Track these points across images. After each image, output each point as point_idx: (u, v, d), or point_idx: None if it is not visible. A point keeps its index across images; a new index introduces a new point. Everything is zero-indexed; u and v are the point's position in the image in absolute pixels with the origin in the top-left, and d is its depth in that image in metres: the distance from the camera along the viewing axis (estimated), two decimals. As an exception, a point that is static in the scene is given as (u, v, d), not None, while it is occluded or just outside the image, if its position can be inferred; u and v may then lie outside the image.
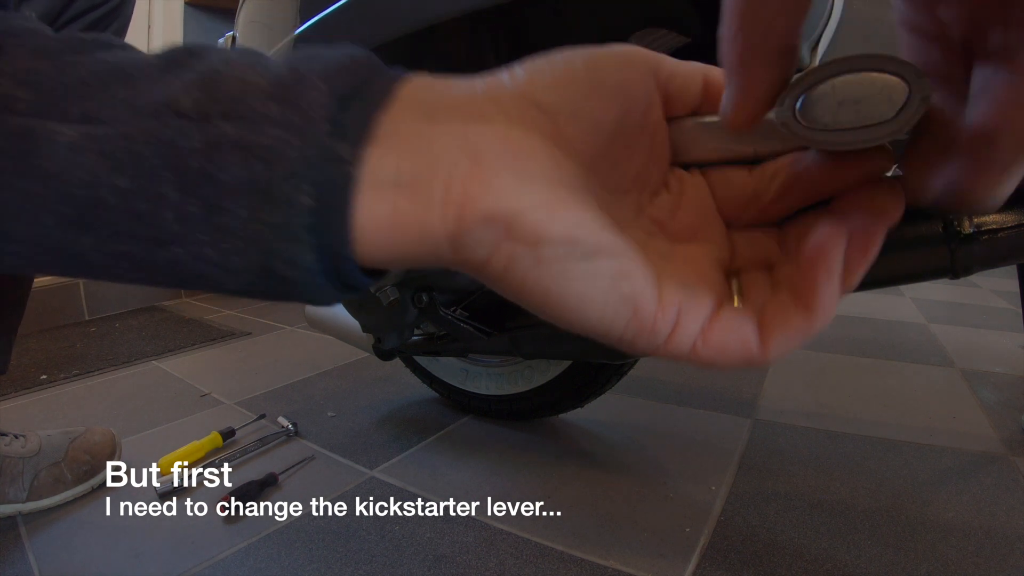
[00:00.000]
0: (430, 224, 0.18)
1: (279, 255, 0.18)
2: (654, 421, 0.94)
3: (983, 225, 0.42)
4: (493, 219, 0.17)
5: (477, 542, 0.65)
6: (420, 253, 0.18)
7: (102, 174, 0.17)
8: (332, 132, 0.17)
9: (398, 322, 0.73)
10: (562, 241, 0.18)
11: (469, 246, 0.18)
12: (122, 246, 0.18)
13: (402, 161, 0.18)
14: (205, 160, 0.17)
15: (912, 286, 1.93)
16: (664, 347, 0.19)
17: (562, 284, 0.18)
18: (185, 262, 0.18)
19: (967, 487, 0.74)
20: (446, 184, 0.17)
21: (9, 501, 0.71)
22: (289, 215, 0.17)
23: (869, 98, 0.17)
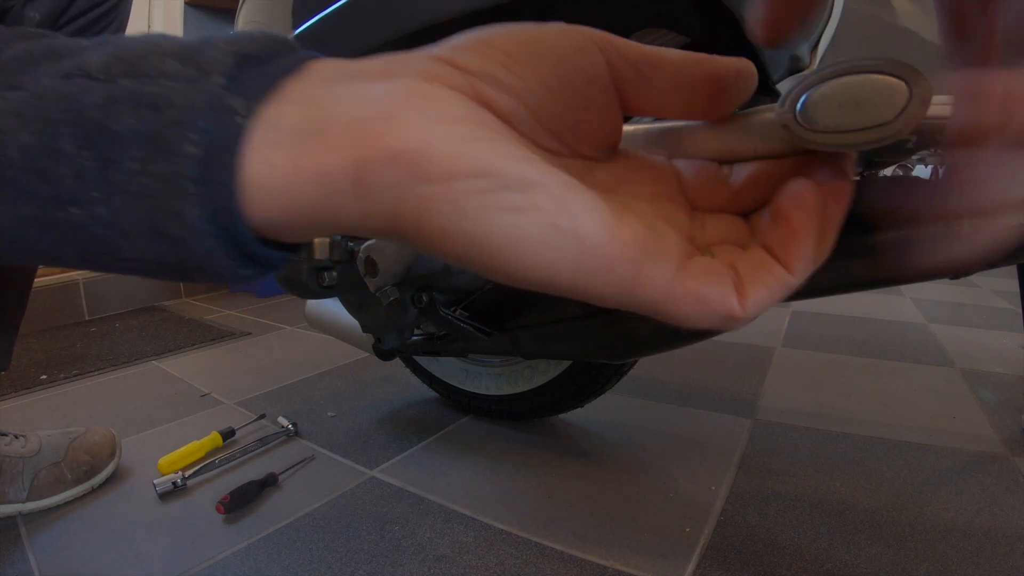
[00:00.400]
0: (329, 169, 0.16)
1: (166, 209, 0.17)
2: (654, 421, 0.94)
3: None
4: (397, 156, 0.16)
5: (477, 542, 0.65)
6: (321, 208, 0.17)
7: (9, 130, 0.17)
8: (227, 86, 0.17)
9: (398, 322, 0.73)
10: (478, 172, 0.16)
11: (374, 191, 0.16)
12: (26, 208, 0.18)
13: (303, 113, 0.17)
14: (102, 113, 0.17)
15: (912, 286, 1.93)
16: (630, 288, 0.17)
17: (486, 225, 0.16)
18: (83, 225, 0.18)
19: (967, 487, 0.74)
20: (348, 128, 0.16)
21: (9, 501, 0.71)
22: (174, 165, 0.17)
23: (870, 100, 0.17)
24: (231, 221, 0.17)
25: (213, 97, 0.17)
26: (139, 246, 0.18)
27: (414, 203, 0.16)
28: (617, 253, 0.17)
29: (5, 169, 0.18)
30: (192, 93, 0.17)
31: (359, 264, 0.62)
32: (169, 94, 0.17)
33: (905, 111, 0.17)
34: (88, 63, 0.18)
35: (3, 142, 0.17)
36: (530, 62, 0.18)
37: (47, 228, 0.18)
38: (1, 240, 0.19)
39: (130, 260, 0.18)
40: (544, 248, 0.16)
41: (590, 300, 0.18)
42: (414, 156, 0.16)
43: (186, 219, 0.17)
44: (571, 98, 0.19)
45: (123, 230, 0.18)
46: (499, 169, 0.16)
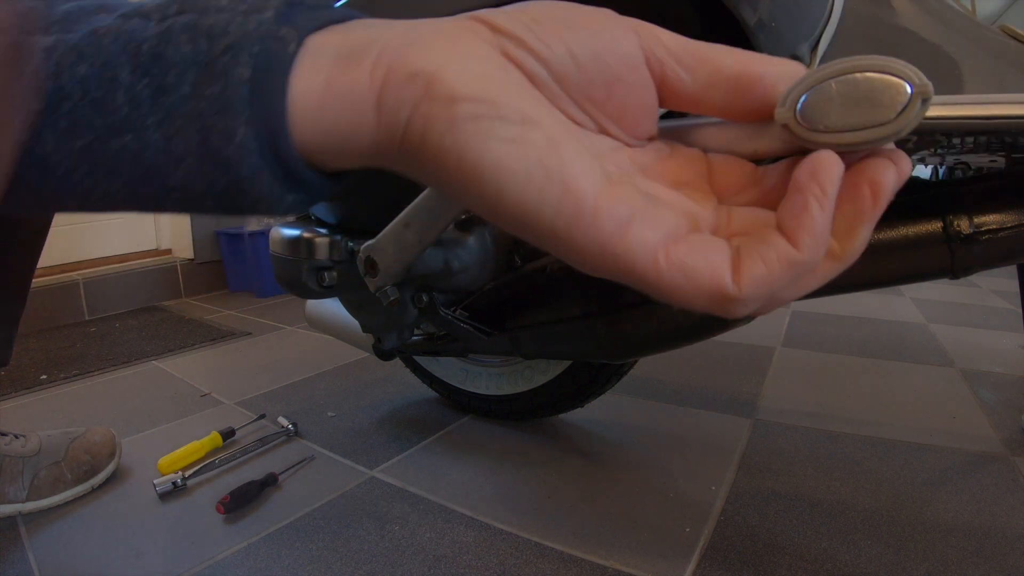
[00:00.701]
0: (359, 85, 0.18)
1: (216, 129, 0.18)
2: (654, 421, 0.94)
3: (983, 225, 0.42)
4: (415, 76, 0.17)
5: (477, 542, 0.65)
6: (347, 125, 0.18)
7: (67, 65, 0.18)
8: (277, 19, 0.18)
9: (398, 322, 0.73)
10: (479, 99, 0.17)
11: (391, 106, 0.18)
12: (79, 139, 0.19)
13: (342, 39, 0.18)
14: (157, 43, 0.18)
15: (912, 286, 1.93)
16: (612, 243, 0.17)
17: (478, 150, 0.17)
18: (135, 152, 0.19)
19: (967, 487, 0.74)
20: (379, 53, 0.18)
21: (9, 501, 0.71)
22: (226, 86, 0.18)
23: (870, 99, 0.17)
24: (278, 140, 0.18)
25: (265, 26, 0.18)
26: (189, 170, 0.19)
27: (420, 121, 0.17)
28: (601, 206, 0.17)
29: (61, 102, 0.18)
30: (245, 23, 0.18)
31: (359, 264, 0.62)
32: (223, 24, 0.18)
33: (905, 111, 0.17)
34: (145, 7, 0.19)
35: (60, 76, 0.18)
36: (558, 31, 0.19)
37: (99, 160, 0.19)
38: (54, 176, 0.19)
39: (178, 188, 0.19)
40: (528, 183, 0.16)
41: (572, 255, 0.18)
42: (429, 76, 0.17)
43: (236, 138, 0.18)
44: (599, 73, 0.19)
45: (174, 155, 0.18)
46: (500, 100, 0.17)
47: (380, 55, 0.18)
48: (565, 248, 0.17)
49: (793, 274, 0.17)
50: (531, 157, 0.17)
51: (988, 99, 0.33)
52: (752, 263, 0.17)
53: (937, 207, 0.43)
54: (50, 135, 0.19)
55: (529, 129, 0.17)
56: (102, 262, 1.89)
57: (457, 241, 0.64)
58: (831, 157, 0.17)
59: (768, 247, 0.17)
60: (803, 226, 0.17)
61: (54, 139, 0.19)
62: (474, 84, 0.17)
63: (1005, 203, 0.42)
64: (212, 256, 2.07)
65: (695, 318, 0.59)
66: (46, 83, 0.19)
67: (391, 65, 0.17)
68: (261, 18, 0.18)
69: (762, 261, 0.17)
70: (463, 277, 0.66)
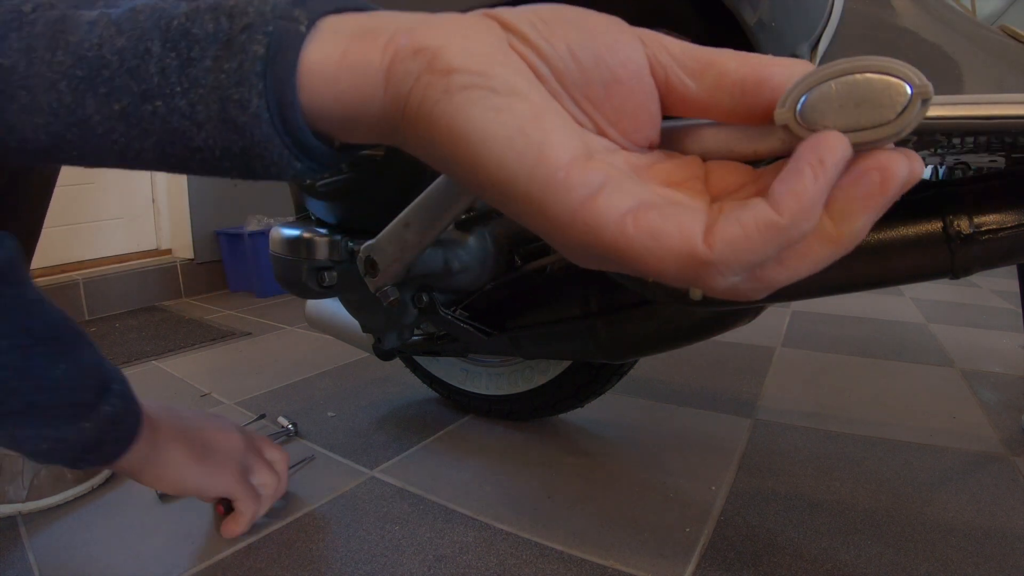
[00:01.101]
0: (372, 58, 0.19)
1: (232, 99, 0.20)
2: (654, 421, 0.94)
3: (983, 225, 0.42)
4: (420, 51, 0.19)
5: (477, 542, 0.65)
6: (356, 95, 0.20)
7: (107, 37, 0.21)
8: (292, 1, 0.20)
9: (398, 322, 0.73)
10: (473, 71, 0.18)
11: (397, 77, 0.19)
12: (117, 103, 0.21)
13: (358, 21, 0.20)
14: (186, 20, 0.21)
15: (912, 286, 1.93)
16: (582, 209, 0.17)
17: (465, 115, 0.18)
18: (164, 116, 0.21)
19: (967, 487, 0.74)
20: (393, 33, 0.19)
21: (9, 500, 0.71)
22: (243, 61, 0.20)
23: (870, 100, 0.17)
24: (287, 111, 0.20)
25: (280, 8, 0.20)
26: (209, 135, 0.21)
27: (420, 90, 0.19)
28: (573, 174, 0.17)
29: (102, 69, 0.21)
30: (262, 5, 0.20)
31: (359, 264, 0.62)
32: (243, 5, 0.20)
33: (905, 111, 0.17)
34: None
35: (102, 47, 0.21)
36: (563, 31, 0.20)
37: (134, 122, 0.21)
38: (95, 134, 0.22)
39: (200, 150, 0.21)
40: (508, 148, 0.17)
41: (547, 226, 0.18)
42: (432, 51, 0.18)
43: (250, 108, 0.20)
44: (598, 74, 0.20)
45: (197, 120, 0.21)
46: (492, 72, 0.18)
47: (394, 34, 0.19)
48: (540, 218, 0.18)
49: (772, 240, 0.16)
50: (513, 125, 0.17)
51: (988, 99, 0.33)
52: (726, 224, 0.16)
53: (937, 207, 0.43)
54: (91, 99, 0.21)
55: (516, 100, 0.18)
56: (102, 262, 1.89)
57: (457, 241, 0.65)
58: (838, 136, 0.16)
59: (746, 209, 0.16)
60: (789, 190, 0.16)
61: (95, 102, 0.21)
62: (471, 59, 0.18)
63: (1005, 203, 0.42)
64: (212, 256, 2.07)
65: (695, 318, 0.59)
66: (88, 52, 0.21)
67: (402, 42, 0.19)
68: (277, 1, 0.20)
69: (738, 223, 0.16)
70: (463, 277, 0.66)
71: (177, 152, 0.22)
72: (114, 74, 0.21)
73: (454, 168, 0.19)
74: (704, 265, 0.16)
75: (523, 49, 0.19)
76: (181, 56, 0.20)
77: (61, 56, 0.21)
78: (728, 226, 0.16)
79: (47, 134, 0.23)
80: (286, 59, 0.20)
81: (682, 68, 0.20)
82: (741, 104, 0.19)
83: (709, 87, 0.20)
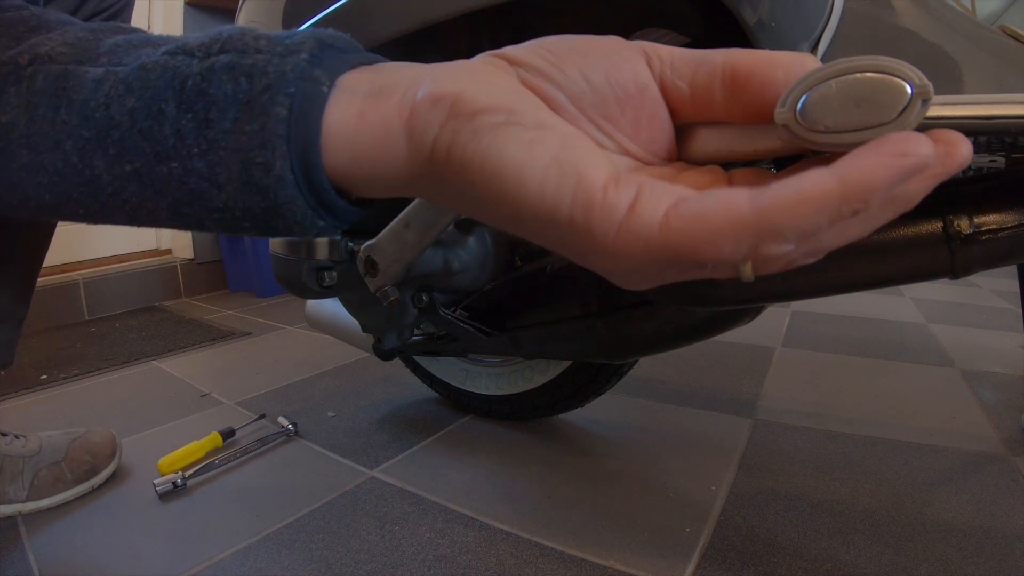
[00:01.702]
0: (390, 115, 0.19)
1: (255, 162, 0.20)
2: (654, 421, 0.94)
3: (983, 225, 0.42)
4: (439, 100, 0.19)
5: (477, 542, 0.65)
6: (379, 153, 0.20)
7: (116, 96, 0.20)
8: (311, 61, 0.20)
9: (398, 322, 0.73)
10: (500, 109, 0.18)
11: (420, 129, 0.19)
12: (129, 164, 0.21)
13: (372, 78, 0.20)
14: (201, 80, 0.20)
15: (912, 286, 1.93)
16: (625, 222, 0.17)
17: (497, 149, 0.18)
18: (180, 177, 0.20)
19: (967, 487, 0.74)
20: (407, 89, 0.20)
21: (9, 501, 0.71)
22: (265, 123, 0.19)
23: (870, 99, 0.17)
24: (312, 173, 0.20)
25: (300, 69, 0.20)
26: (230, 196, 0.20)
27: (448, 136, 0.19)
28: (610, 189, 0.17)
29: (111, 130, 0.20)
30: (282, 65, 0.20)
31: (359, 264, 0.62)
32: (262, 65, 0.20)
33: (906, 111, 0.17)
34: (187, 44, 0.21)
35: (110, 107, 0.20)
36: (571, 58, 0.20)
37: (147, 182, 0.21)
38: (104, 194, 0.21)
39: (219, 210, 0.21)
40: (546, 179, 0.17)
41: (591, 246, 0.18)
42: (452, 99, 0.18)
43: (275, 170, 0.20)
44: (611, 93, 0.20)
45: (217, 182, 0.20)
46: (517, 108, 0.18)
47: (407, 89, 0.19)
48: (586, 242, 0.18)
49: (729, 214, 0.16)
50: (548, 155, 0.17)
51: (988, 99, 0.33)
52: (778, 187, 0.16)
53: (937, 207, 0.43)
54: (100, 159, 0.21)
55: (545, 132, 0.18)
56: (102, 262, 1.89)
57: (457, 241, 0.65)
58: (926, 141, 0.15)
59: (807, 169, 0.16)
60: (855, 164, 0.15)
61: (104, 163, 0.21)
62: (491, 98, 0.18)
63: (1005, 203, 0.42)
64: (212, 256, 2.07)
65: (695, 318, 0.59)
66: (96, 112, 0.20)
67: (418, 96, 0.19)
68: (296, 60, 0.20)
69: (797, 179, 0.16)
70: (463, 277, 0.66)
71: (194, 212, 0.21)
72: (124, 135, 0.20)
73: (491, 208, 0.19)
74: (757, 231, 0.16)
75: (537, 82, 0.20)
76: (198, 117, 0.20)
77: (65, 115, 0.21)
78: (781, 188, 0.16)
79: (51, 193, 0.22)
80: (309, 121, 0.19)
81: (673, 71, 0.20)
82: (733, 98, 0.20)
83: (702, 86, 0.20)
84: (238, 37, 0.21)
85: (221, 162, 0.20)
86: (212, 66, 0.20)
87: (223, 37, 0.21)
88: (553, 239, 0.18)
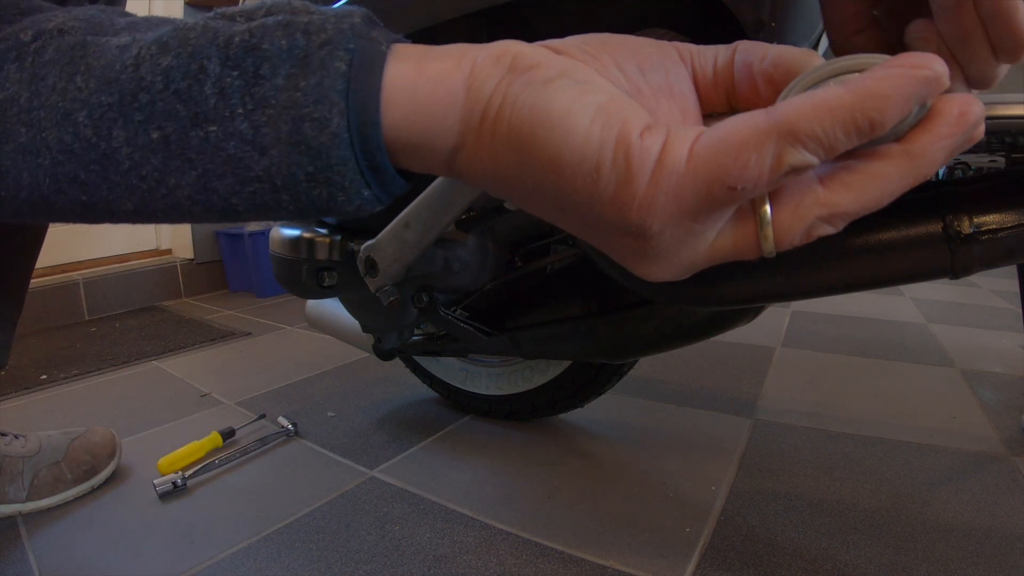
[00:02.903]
0: (449, 70, 0.20)
1: (310, 119, 0.19)
2: (654, 421, 0.94)
3: (983, 225, 0.42)
4: (500, 57, 0.20)
5: (477, 542, 0.65)
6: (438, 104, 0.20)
7: (148, 57, 0.19)
8: (366, 23, 0.20)
9: (398, 322, 0.73)
10: (553, 67, 0.19)
11: (480, 82, 0.19)
12: (157, 131, 0.19)
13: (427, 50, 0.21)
14: (250, 37, 0.19)
15: (912, 286, 1.93)
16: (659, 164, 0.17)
17: (548, 98, 0.18)
18: (217, 142, 0.19)
19: (967, 487, 0.74)
20: (464, 50, 0.20)
21: (9, 501, 0.71)
22: (323, 78, 0.19)
23: (869, 98, 0.17)
24: (369, 131, 0.19)
25: (357, 27, 0.20)
26: (273, 160, 0.19)
27: (502, 91, 0.19)
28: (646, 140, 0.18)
29: (139, 93, 0.19)
30: (340, 23, 0.20)
31: (359, 264, 0.62)
32: (318, 21, 0.19)
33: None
34: (225, 11, 0.20)
35: (139, 67, 0.19)
36: (607, 50, 0.21)
37: (175, 151, 0.19)
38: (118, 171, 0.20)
39: (256, 180, 0.20)
40: (593, 124, 0.18)
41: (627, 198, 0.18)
42: (513, 56, 0.19)
43: (331, 127, 0.19)
44: (645, 84, 0.21)
45: (261, 144, 0.19)
46: (568, 68, 0.19)
47: (464, 51, 0.20)
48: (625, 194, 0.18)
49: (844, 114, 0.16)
50: (594, 103, 0.18)
51: (988, 99, 0.33)
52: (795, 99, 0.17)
53: (937, 207, 0.43)
54: (121, 128, 0.19)
55: (590, 87, 0.19)
56: (102, 262, 1.89)
57: (457, 241, 0.64)
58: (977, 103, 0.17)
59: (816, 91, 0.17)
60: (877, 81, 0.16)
61: (126, 132, 0.19)
62: (545, 58, 0.19)
63: (1005, 203, 0.42)
64: (212, 256, 2.07)
65: (695, 318, 0.59)
66: (122, 74, 0.19)
67: (477, 53, 0.20)
68: (352, 21, 0.20)
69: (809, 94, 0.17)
70: (463, 277, 0.66)
71: (223, 187, 0.20)
72: (155, 97, 0.19)
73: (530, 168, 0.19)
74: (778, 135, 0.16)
75: None
76: (246, 74, 0.19)
77: (81, 82, 0.19)
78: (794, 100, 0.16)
79: (52, 177, 0.20)
80: (371, 76, 0.19)
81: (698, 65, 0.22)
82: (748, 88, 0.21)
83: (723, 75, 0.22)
84: (284, 3, 0.21)
85: (269, 122, 0.19)
86: (263, 24, 0.19)
87: (267, 4, 0.21)
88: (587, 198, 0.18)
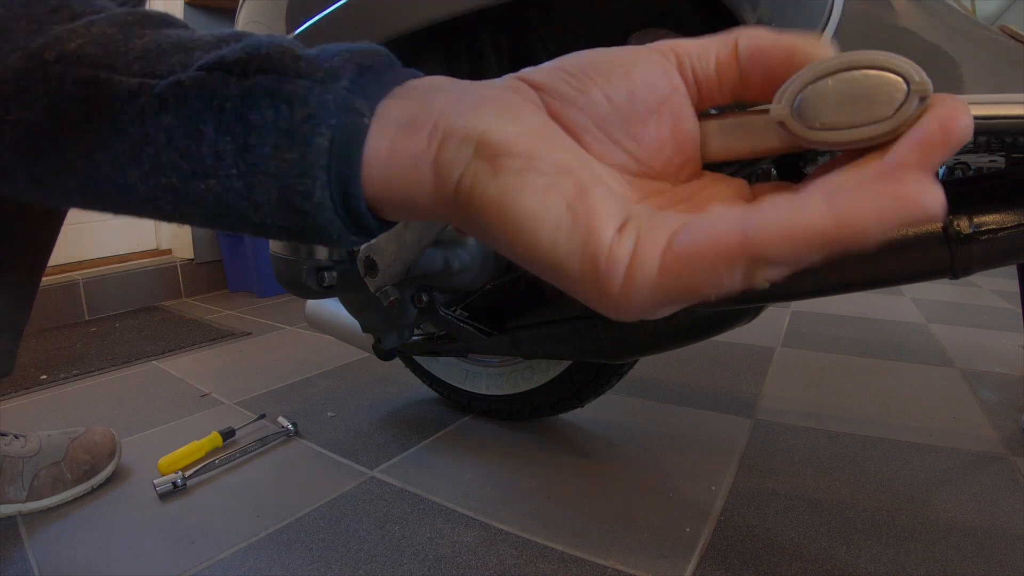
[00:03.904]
0: (419, 151, 0.19)
1: (295, 189, 0.20)
2: (654, 421, 0.94)
3: (983, 225, 0.42)
4: (466, 139, 0.19)
5: (477, 542, 0.65)
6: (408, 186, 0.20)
7: (151, 112, 0.20)
8: (351, 89, 0.20)
9: (398, 322, 0.73)
10: (519, 154, 0.18)
11: (446, 166, 0.19)
12: (164, 178, 0.21)
13: (405, 108, 0.20)
14: (240, 103, 0.20)
15: (912, 286, 1.93)
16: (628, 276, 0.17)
17: (515, 197, 0.18)
18: (218, 194, 0.21)
19: (967, 487, 0.74)
20: (435, 122, 0.19)
21: (9, 501, 0.71)
22: (306, 153, 0.20)
23: (867, 96, 0.17)
24: (350, 201, 0.20)
25: (342, 99, 0.20)
26: (267, 215, 0.21)
27: (470, 177, 0.19)
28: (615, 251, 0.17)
29: (145, 146, 0.20)
30: (323, 93, 0.20)
31: (359, 264, 0.62)
32: (303, 93, 0.20)
33: (902, 107, 0.17)
34: (224, 59, 0.21)
35: (145, 123, 0.20)
36: (593, 79, 0.20)
37: (182, 195, 0.21)
38: (137, 199, 0.22)
39: (255, 225, 0.21)
40: (559, 230, 0.17)
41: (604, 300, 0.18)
42: (479, 137, 0.19)
43: (314, 198, 0.20)
44: (634, 111, 0.20)
45: (255, 202, 0.21)
46: (537, 153, 0.18)
47: (436, 124, 0.19)
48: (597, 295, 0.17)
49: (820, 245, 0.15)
50: (561, 204, 0.17)
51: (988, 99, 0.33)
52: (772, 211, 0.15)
53: (937, 207, 0.43)
54: (134, 171, 0.21)
55: (561, 178, 0.18)
56: (102, 262, 1.89)
57: (457, 241, 0.65)
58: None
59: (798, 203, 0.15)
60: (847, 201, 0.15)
61: (138, 174, 0.21)
62: (516, 140, 0.18)
63: (1005, 203, 0.42)
64: (212, 256, 2.07)
65: (695, 318, 0.59)
66: (130, 127, 0.20)
67: (446, 132, 0.19)
68: (337, 88, 0.20)
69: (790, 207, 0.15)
70: (463, 277, 0.66)
71: (230, 222, 0.22)
72: (160, 151, 0.20)
73: (511, 251, 0.19)
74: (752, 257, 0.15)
75: (560, 108, 0.20)
76: (237, 141, 0.20)
77: (96, 125, 0.21)
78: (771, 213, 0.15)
79: (82, 196, 0.22)
80: (351, 153, 0.20)
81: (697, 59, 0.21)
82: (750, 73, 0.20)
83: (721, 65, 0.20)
84: (277, 56, 0.20)
85: (260, 184, 0.20)
86: (251, 89, 0.20)
87: (261, 53, 0.20)
88: (567, 287, 0.19)
